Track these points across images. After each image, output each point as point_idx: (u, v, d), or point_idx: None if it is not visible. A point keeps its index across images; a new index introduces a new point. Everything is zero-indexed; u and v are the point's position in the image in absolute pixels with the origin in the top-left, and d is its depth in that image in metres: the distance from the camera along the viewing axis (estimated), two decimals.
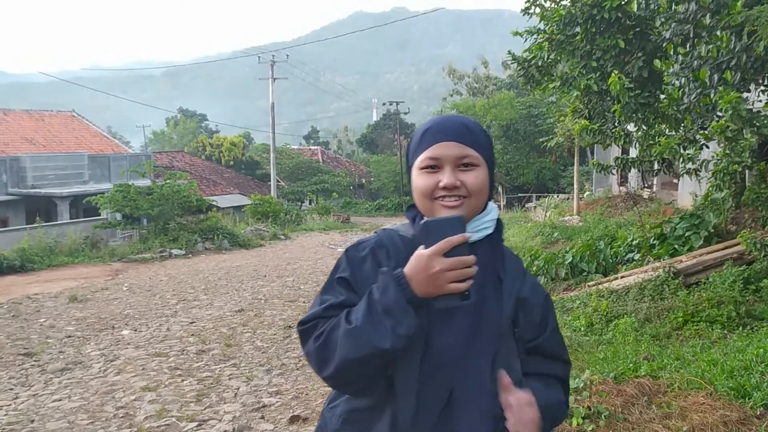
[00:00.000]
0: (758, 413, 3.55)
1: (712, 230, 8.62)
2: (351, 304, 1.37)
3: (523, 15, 9.62)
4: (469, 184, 1.39)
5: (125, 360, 6.56)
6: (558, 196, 26.14)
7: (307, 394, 5.29)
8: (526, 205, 30.28)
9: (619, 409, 3.75)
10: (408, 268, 1.30)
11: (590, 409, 3.72)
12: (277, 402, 5.14)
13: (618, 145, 9.66)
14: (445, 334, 1.36)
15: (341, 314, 1.36)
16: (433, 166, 1.40)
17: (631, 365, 4.67)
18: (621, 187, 21.14)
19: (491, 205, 1.48)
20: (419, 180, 1.42)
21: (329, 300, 1.42)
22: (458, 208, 1.38)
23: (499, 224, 1.47)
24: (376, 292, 1.31)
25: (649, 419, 3.62)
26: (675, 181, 15.87)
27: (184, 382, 5.74)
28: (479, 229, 1.42)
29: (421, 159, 1.42)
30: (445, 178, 1.38)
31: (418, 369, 1.33)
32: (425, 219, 1.34)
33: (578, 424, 3.58)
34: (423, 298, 1.29)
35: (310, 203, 39.35)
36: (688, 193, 13.44)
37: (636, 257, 9.18)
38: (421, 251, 1.29)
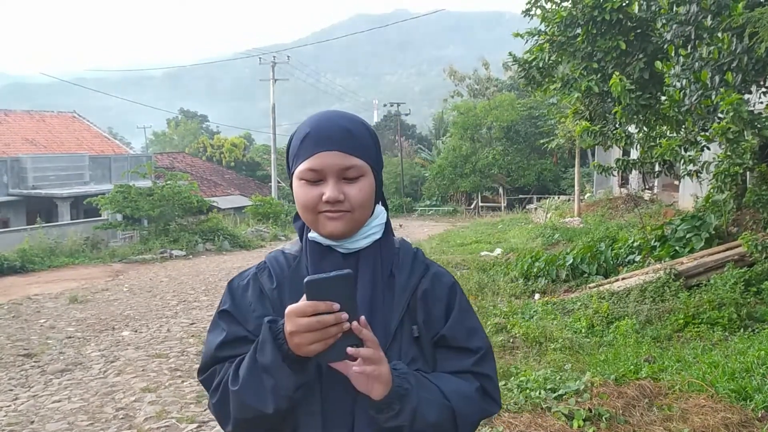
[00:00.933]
0: (759, 416, 3.54)
1: (713, 232, 8.61)
2: (235, 339, 1.32)
3: (524, 16, 9.62)
4: (353, 198, 1.30)
5: (125, 361, 6.55)
6: (559, 198, 26.14)
7: None
8: (527, 207, 30.27)
9: (620, 411, 3.74)
10: (285, 326, 1.19)
11: (591, 411, 3.70)
12: None
13: (619, 147, 9.65)
14: None
15: (231, 367, 1.28)
16: (315, 180, 1.31)
17: (632, 367, 4.66)
18: (622, 189, 21.13)
19: (379, 208, 1.40)
20: (300, 192, 1.32)
21: (215, 340, 1.34)
22: (340, 221, 1.30)
23: (387, 225, 1.41)
24: (257, 348, 1.23)
25: (650, 421, 3.61)
26: (676, 182, 15.86)
27: (184, 383, 5.73)
28: (366, 235, 1.35)
29: (301, 169, 1.32)
30: (328, 191, 1.29)
31: (319, 404, 1.28)
32: (307, 277, 1.19)
33: (579, 426, 3.56)
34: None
35: None
36: (689, 194, 13.42)
37: (637, 259, 9.16)
38: (288, 308, 1.18)
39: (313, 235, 1.36)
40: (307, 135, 1.33)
